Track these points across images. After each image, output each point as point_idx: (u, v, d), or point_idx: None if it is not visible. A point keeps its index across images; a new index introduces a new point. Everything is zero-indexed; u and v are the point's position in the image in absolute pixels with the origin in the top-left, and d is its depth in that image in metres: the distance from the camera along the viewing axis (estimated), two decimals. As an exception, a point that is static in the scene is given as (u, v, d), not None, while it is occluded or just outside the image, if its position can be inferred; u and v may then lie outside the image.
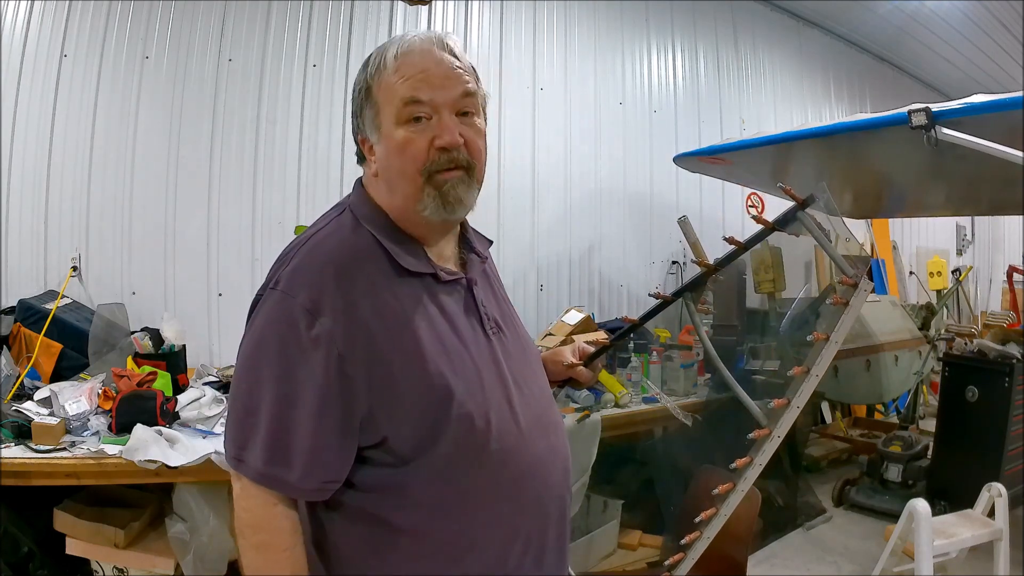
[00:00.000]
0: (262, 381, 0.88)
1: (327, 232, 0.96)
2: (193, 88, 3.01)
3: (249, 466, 0.88)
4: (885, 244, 6.30)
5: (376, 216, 0.97)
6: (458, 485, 0.91)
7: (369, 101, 0.96)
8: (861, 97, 6.17)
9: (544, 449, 1.00)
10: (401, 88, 0.92)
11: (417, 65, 0.92)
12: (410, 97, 0.91)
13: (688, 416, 3.10)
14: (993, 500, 2.63)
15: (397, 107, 0.92)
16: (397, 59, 0.93)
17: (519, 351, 1.06)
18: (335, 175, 3.31)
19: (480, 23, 3.83)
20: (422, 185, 0.93)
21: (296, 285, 0.89)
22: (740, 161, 3.67)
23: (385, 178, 0.96)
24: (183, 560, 2.06)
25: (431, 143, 0.92)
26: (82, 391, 2.18)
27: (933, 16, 5.40)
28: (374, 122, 0.95)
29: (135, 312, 2.79)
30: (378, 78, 0.94)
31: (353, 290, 0.89)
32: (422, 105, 0.92)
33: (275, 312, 0.89)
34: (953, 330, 5.25)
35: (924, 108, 2.34)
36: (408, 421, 0.89)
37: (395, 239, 0.95)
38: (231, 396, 0.94)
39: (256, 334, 0.91)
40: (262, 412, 0.87)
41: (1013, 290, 6.60)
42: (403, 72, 0.92)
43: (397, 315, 0.91)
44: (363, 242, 0.94)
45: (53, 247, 2.76)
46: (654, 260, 4.55)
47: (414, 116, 0.92)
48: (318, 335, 0.86)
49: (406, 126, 0.92)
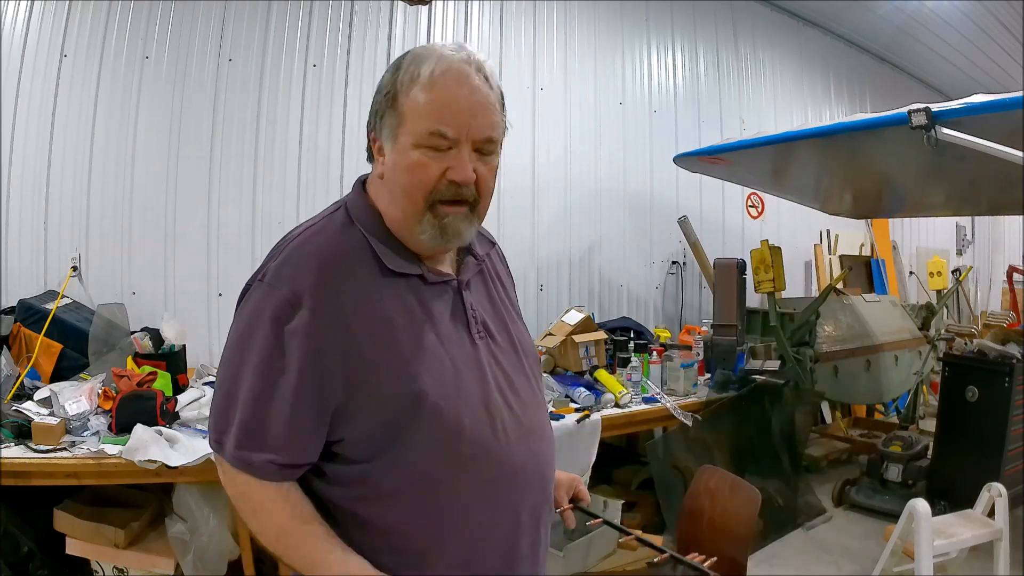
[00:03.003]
0: (243, 369, 0.91)
1: (318, 228, 0.98)
2: (193, 88, 3.01)
3: (226, 449, 0.92)
4: (885, 244, 6.30)
5: (369, 216, 0.98)
6: (427, 483, 0.93)
7: (393, 108, 0.95)
8: (861, 97, 6.18)
9: (524, 455, 1.00)
10: (428, 114, 0.92)
11: (449, 93, 0.92)
12: (436, 130, 0.91)
13: (688, 416, 3.12)
14: (993, 500, 2.63)
15: (420, 131, 0.92)
16: (432, 78, 0.92)
17: (511, 356, 1.06)
18: (335, 175, 3.31)
19: (480, 23, 3.83)
20: (424, 210, 0.94)
21: (281, 278, 0.92)
22: (740, 161, 3.67)
23: (390, 188, 0.97)
24: (183, 560, 2.06)
25: (444, 173, 0.92)
26: (82, 391, 2.18)
27: (933, 16, 5.40)
28: (393, 131, 0.95)
29: (135, 312, 2.79)
30: (408, 89, 0.93)
31: (336, 286, 0.91)
32: (445, 139, 0.92)
33: (259, 303, 0.92)
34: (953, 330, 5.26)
35: (924, 108, 2.34)
36: (378, 418, 0.91)
37: (384, 240, 0.97)
38: (216, 382, 0.98)
39: (241, 324, 0.94)
40: (240, 398, 0.91)
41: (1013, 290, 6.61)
42: (434, 96, 0.92)
43: (378, 314, 0.92)
44: (352, 240, 0.96)
45: (53, 247, 2.76)
46: (654, 260, 4.56)
47: (434, 145, 0.92)
48: (296, 327, 0.89)
49: (423, 150, 0.92)
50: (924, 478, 3.57)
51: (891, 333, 4.43)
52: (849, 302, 4.44)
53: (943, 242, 7.26)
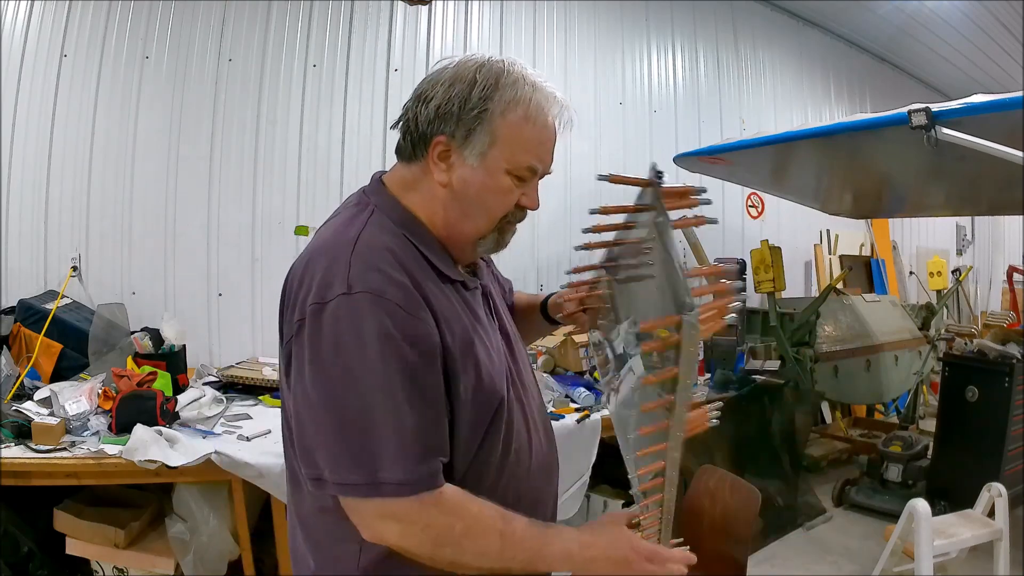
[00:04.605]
0: (375, 391, 0.84)
1: (371, 234, 0.92)
2: (193, 88, 3.01)
3: (392, 484, 0.84)
4: (885, 244, 6.30)
5: (411, 222, 0.98)
6: (495, 481, 0.97)
7: (485, 125, 0.94)
8: (861, 97, 6.17)
9: (548, 444, 1.09)
10: (530, 148, 0.97)
11: (547, 132, 0.98)
12: (532, 166, 0.98)
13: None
14: (993, 500, 2.63)
15: (519, 161, 0.96)
16: (538, 112, 0.96)
17: (521, 353, 1.12)
18: (335, 175, 3.29)
19: (480, 23, 3.83)
20: (494, 228, 1.01)
21: (380, 285, 0.86)
22: (740, 161, 3.67)
23: (461, 202, 0.97)
24: (183, 560, 2.06)
25: (519, 200, 1.00)
26: (82, 391, 2.18)
27: (933, 16, 5.40)
28: (481, 149, 0.95)
29: (135, 312, 2.79)
30: (508, 113, 0.94)
31: (426, 292, 0.91)
32: (535, 173, 0.99)
33: (370, 313, 0.85)
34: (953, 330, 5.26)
35: (924, 108, 2.34)
36: (465, 417, 0.93)
37: (429, 246, 0.98)
38: (322, 422, 0.86)
39: (352, 341, 0.85)
40: (382, 423, 0.84)
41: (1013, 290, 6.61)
42: (537, 132, 0.97)
43: (456, 317, 0.95)
44: (408, 246, 0.95)
45: (53, 247, 2.77)
46: (654, 260, 4.55)
47: (525, 177, 0.98)
48: (417, 334, 0.87)
49: (513, 178, 0.97)
50: (924, 478, 3.57)
51: (891, 333, 4.44)
52: (849, 302, 4.44)
53: (943, 242, 7.25)
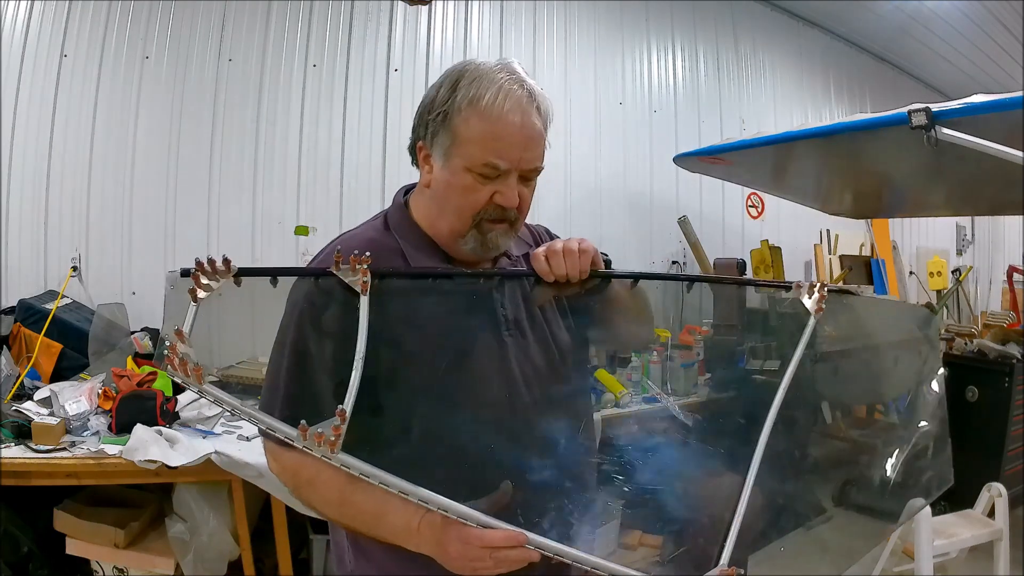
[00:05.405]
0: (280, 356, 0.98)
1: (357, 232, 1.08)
2: (193, 88, 3.01)
3: None
4: (885, 244, 6.29)
5: (404, 224, 1.06)
6: None
7: (446, 127, 0.98)
8: (861, 97, 6.17)
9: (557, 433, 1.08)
10: (484, 145, 0.96)
11: (504, 127, 0.96)
12: (490, 161, 0.96)
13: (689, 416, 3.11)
14: (993, 500, 2.63)
15: (474, 158, 0.96)
16: (490, 108, 0.95)
17: (541, 352, 1.08)
18: (335, 175, 3.29)
19: (480, 23, 3.83)
20: (470, 227, 1.01)
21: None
22: (740, 161, 3.67)
23: (438, 201, 1.03)
24: (183, 560, 2.06)
25: (492, 196, 0.99)
26: (82, 391, 2.18)
27: (933, 16, 5.39)
28: (445, 149, 0.99)
29: (135, 312, 2.79)
30: (464, 113, 0.96)
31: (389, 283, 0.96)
32: (496, 170, 0.98)
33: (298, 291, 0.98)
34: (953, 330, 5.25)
35: (924, 108, 2.34)
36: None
37: (416, 245, 1.03)
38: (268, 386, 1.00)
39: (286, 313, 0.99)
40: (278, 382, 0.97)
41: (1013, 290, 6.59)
42: (491, 128, 0.96)
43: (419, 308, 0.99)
44: (392, 243, 1.04)
45: (53, 247, 2.77)
46: (654, 260, 4.55)
47: (486, 174, 0.97)
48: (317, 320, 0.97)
49: (475, 175, 0.97)
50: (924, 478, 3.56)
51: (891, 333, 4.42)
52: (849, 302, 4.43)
53: (943, 242, 7.24)
